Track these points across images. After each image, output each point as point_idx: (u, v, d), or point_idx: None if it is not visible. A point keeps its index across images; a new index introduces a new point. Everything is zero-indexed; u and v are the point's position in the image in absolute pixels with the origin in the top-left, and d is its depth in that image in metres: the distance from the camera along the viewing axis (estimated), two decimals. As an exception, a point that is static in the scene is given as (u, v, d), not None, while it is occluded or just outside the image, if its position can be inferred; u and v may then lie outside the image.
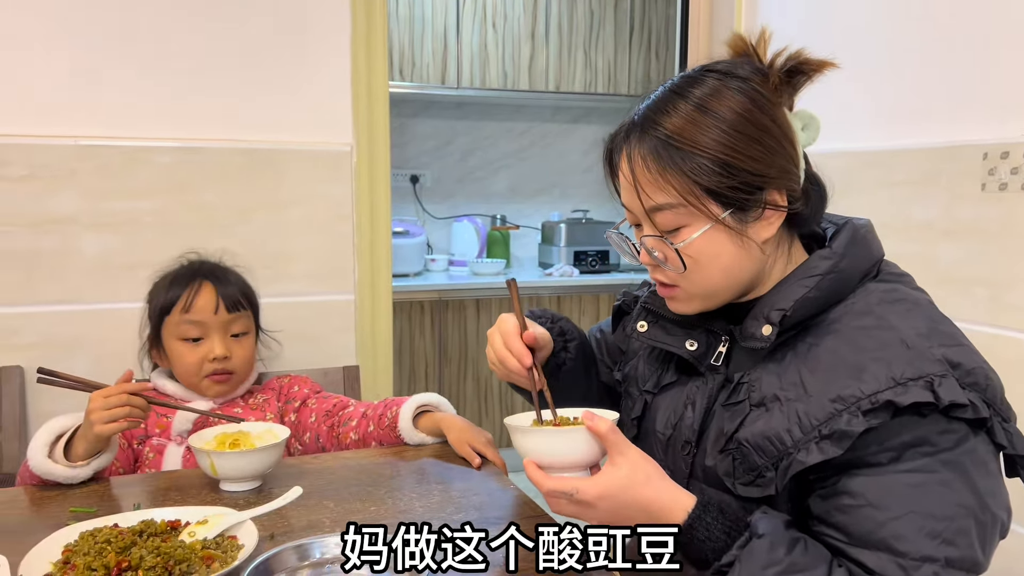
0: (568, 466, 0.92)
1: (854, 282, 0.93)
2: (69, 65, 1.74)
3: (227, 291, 1.48)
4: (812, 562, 0.82)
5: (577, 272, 3.65)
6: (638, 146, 0.91)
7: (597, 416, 0.90)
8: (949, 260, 1.66)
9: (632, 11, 3.78)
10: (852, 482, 0.84)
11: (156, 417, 1.43)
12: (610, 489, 0.87)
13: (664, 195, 0.90)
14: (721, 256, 0.91)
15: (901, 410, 0.81)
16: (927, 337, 0.86)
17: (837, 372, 0.86)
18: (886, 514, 0.81)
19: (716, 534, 0.85)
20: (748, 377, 0.94)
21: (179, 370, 1.47)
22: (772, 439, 0.87)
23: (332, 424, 1.49)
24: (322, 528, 1.07)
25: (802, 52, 0.91)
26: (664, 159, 0.89)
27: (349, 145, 1.95)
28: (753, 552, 0.82)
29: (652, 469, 0.89)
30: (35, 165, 1.72)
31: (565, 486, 0.88)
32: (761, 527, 0.84)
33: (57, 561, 0.93)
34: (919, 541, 0.80)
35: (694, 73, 0.94)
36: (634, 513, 0.88)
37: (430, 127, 3.84)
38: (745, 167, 0.88)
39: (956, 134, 1.66)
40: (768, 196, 0.90)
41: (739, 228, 0.90)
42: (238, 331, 1.49)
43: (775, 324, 0.90)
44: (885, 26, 1.84)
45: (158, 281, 1.52)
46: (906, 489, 0.82)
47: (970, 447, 0.83)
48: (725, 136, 0.88)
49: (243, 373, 1.51)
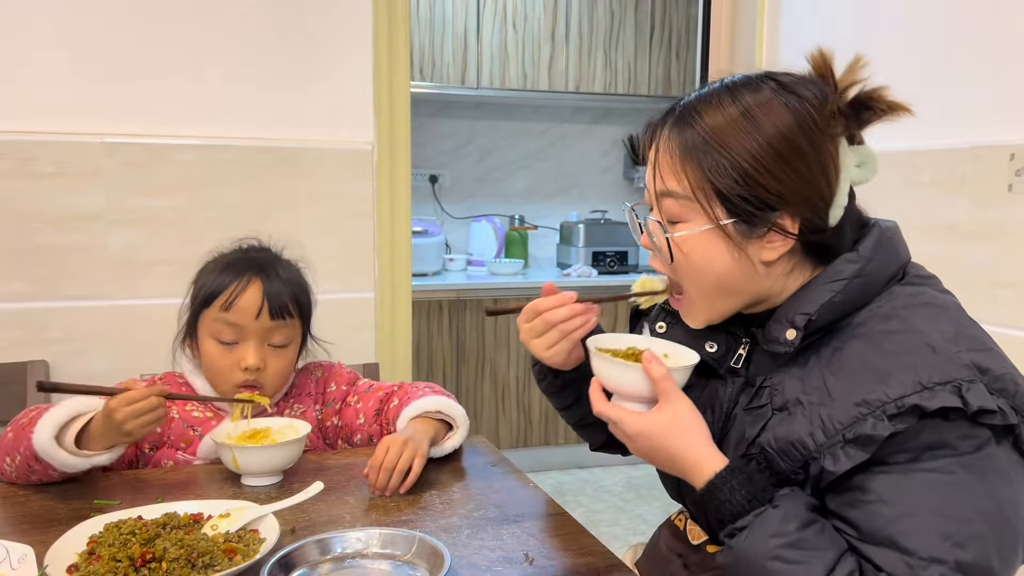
0: (625, 396, 0.94)
1: (880, 285, 0.91)
2: (95, 64, 1.76)
3: (275, 293, 1.32)
4: (823, 544, 0.82)
5: (595, 273, 3.65)
6: (671, 130, 0.91)
7: (656, 360, 0.91)
8: (974, 262, 1.65)
9: (653, 11, 3.77)
10: (866, 479, 0.83)
11: (183, 429, 1.33)
12: (647, 430, 0.90)
13: (676, 183, 0.90)
14: (715, 262, 0.91)
15: (927, 415, 0.80)
16: (954, 341, 0.84)
17: (862, 376, 0.85)
18: (896, 511, 0.80)
19: (737, 499, 0.86)
20: (770, 381, 0.93)
21: (208, 371, 1.35)
22: (795, 443, 0.86)
23: (382, 423, 1.40)
24: (343, 523, 1.07)
25: (880, 90, 0.89)
26: (689, 149, 0.89)
27: (370, 144, 1.96)
28: (765, 520, 0.83)
29: (693, 423, 0.90)
30: (61, 162, 1.75)
31: (612, 414, 0.93)
32: (780, 500, 0.84)
33: (82, 552, 0.95)
34: (929, 541, 0.79)
35: (755, 76, 0.92)
36: (664, 459, 0.91)
37: (449, 127, 3.85)
38: (763, 183, 0.86)
39: (982, 135, 1.65)
40: (779, 219, 0.88)
41: (738, 240, 0.89)
42: (279, 341, 1.34)
43: (800, 328, 0.89)
44: (911, 26, 1.83)
45: (209, 263, 1.38)
46: (920, 488, 0.81)
47: (991, 452, 0.81)
48: (757, 147, 0.86)
49: (273, 387, 1.35)
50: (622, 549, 1.23)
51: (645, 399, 0.93)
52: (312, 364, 1.49)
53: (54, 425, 1.13)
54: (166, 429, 1.33)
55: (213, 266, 1.36)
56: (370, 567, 0.94)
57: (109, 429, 1.14)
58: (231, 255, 1.38)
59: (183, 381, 1.39)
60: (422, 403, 1.33)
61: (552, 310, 1.03)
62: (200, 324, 1.34)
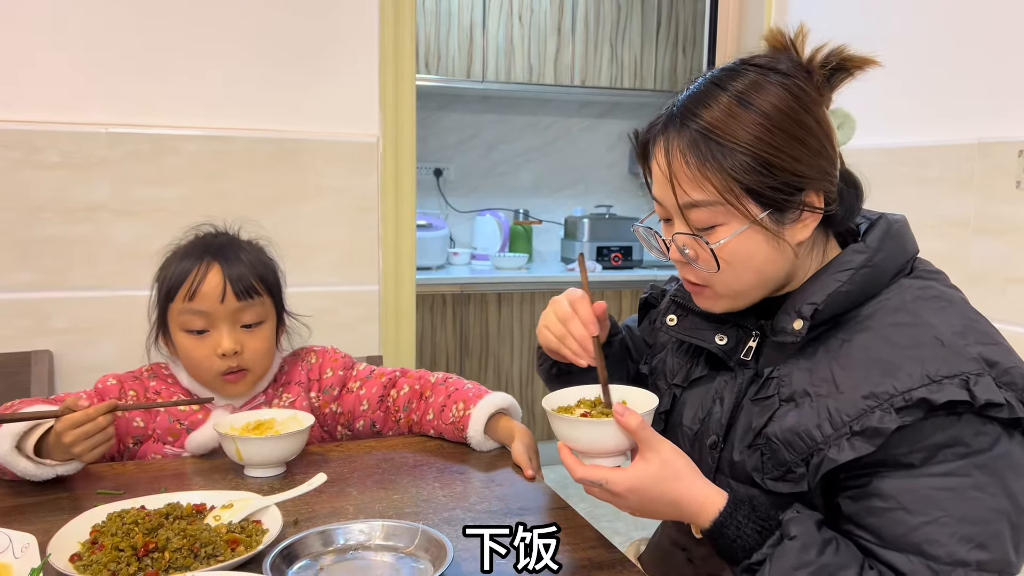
0: (601, 454, 0.92)
1: (887, 277, 0.91)
2: (100, 53, 1.76)
3: (237, 274, 1.28)
4: (843, 563, 0.82)
5: (600, 268, 3.64)
6: (677, 138, 0.89)
7: (628, 411, 0.89)
8: (982, 258, 1.64)
9: (659, 5, 3.76)
10: (884, 484, 0.83)
11: (169, 423, 1.31)
12: (639, 484, 0.88)
13: (701, 192, 0.88)
14: (755, 257, 0.90)
15: (935, 409, 0.80)
16: (962, 335, 0.84)
17: (870, 369, 0.84)
18: (919, 518, 0.81)
19: (747, 532, 0.85)
20: (778, 372, 0.93)
21: (188, 366, 1.31)
22: (802, 435, 0.86)
23: (388, 409, 1.39)
24: (346, 515, 1.07)
25: (844, 49, 0.89)
26: (704, 154, 0.86)
27: (375, 137, 1.96)
28: (784, 552, 0.82)
29: (683, 465, 0.89)
30: (67, 152, 1.74)
31: (596, 476, 0.89)
32: (793, 528, 0.83)
33: (85, 541, 0.95)
34: (952, 546, 0.80)
35: (733, 65, 0.92)
36: (663, 507, 0.88)
37: (455, 120, 3.84)
38: (787, 167, 0.85)
39: (990, 131, 1.64)
40: (807, 198, 0.88)
41: (776, 230, 0.88)
42: (250, 320, 1.30)
43: (806, 318, 0.89)
44: (919, 21, 1.82)
45: (168, 256, 1.34)
46: (939, 493, 0.81)
47: (1005, 449, 0.82)
48: (766, 133, 0.85)
49: (259, 369, 1.33)
50: (625, 544, 1.22)
51: (619, 452, 0.92)
52: (303, 350, 1.45)
53: (13, 435, 1.11)
54: (151, 423, 1.31)
55: (171, 259, 1.33)
56: (373, 559, 0.94)
57: (62, 447, 1.12)
58: (187, 244, 1.34)
59: (168, 372, 1.37)
60: (495, 400, 1.32)
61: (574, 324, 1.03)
62: (169, 319, 1.31)
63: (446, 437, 1.35)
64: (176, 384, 1.35)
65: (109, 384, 1.33)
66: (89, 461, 1.16)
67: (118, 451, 1.31)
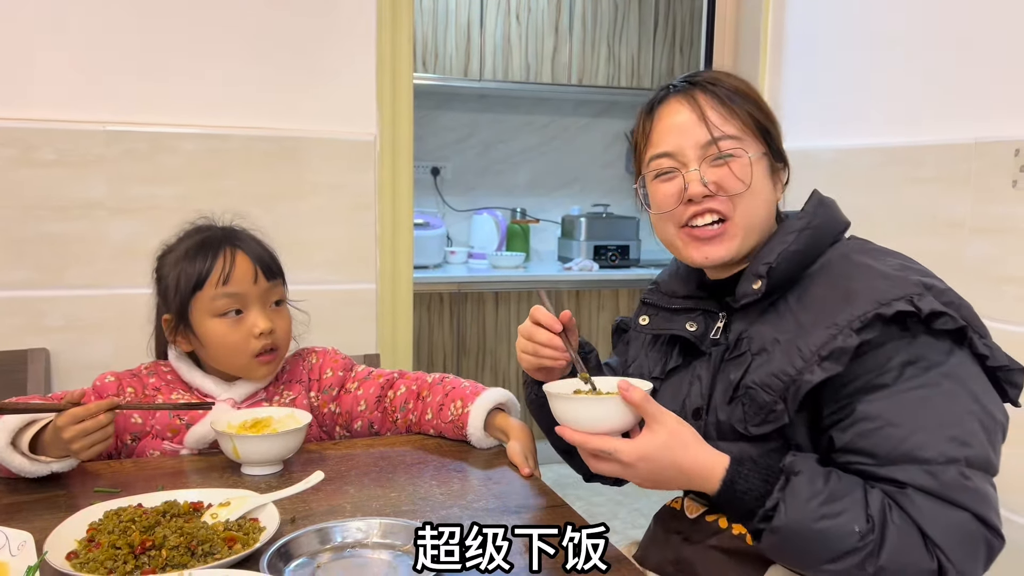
0: (605, 432, 0.95)
1: (828, 240, 1.04)
2: (97, 51, 1.76)
3: (259, 255, 1.34)
4: (848, 487, 0.90)
5: (596, 267, 3.64)
6: (703, 94, 1.06)
7: (632, 386, 0.94)
8: (978, 258, 1.64)
9: (657, 5, 3.76)
10: (868, 407, 0.92)
11: (169, 419, 1.32)
12: (648, 452, 0.93)
13: (730, 127, 1.04)
14: (764, 190, 1.05)
15: (888, 323, 0.91)
16: (903, 270, 0.97)
17: (829, 304, 0.96)
18: (905, 429, 0.90)
19: (755, 483, 0.92)
20: (746, 333, 1.02)
21: (220, 352, 1.32)
22: (777, 374, 0.95)
23: (385, 409, 1.40)
24: (343, 513, 1.07)
25: None
26: (731, 99, 1.06)
27: (373, 135, 1.96)
28: (795, 489, 0.89)
29: (688, 435, 0.95)
30: (63, 150, 1.74)
31: (607, 445, 0.94)
32: (797, 465, 0.91)
33: (82, 539, 0.95)
34: (940, 446, 0.89)
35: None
36: (673, 475, 0.94)
37: (452, 119, 3.84)
38: (775, 123, 1.08)
39: (986, 130, 1.64)
40: (781, 163, 1.09)
41: (775, 166, 1.07)
42: (277, 298, 1.36)
43: (763, 276, 1.00)
44: (913, 20, 1.82)
45: (169, 256, 1.35)
46: (917, 403, 0.91)
47: (960, 358, 0.93)
48: (764, 105, 1.08)
49: (285, 349, 1.38)
50: (621, 543, 1.23)
51: (620, 429, 0.96)
52: (305, 350, 1.48)
53: (8, 431, 1.12)
54: (149, 419, 1.31)
55: (180, 256, 1.33)
56: (370, 557, 0.94)
57: (59, 444, 1.13)
58: (196, 238, 1.35)
59: (168, 369, 1.37)
60: (493, 396, 1.34)
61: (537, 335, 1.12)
62: (193, 310, 1.31)
63: (446, 436, 1.36)
64: (176, 382, 1.35)
65: (107, 381, 1.33)
66: (86, 459, 1.16)
67: (116, 447, 1.31)
